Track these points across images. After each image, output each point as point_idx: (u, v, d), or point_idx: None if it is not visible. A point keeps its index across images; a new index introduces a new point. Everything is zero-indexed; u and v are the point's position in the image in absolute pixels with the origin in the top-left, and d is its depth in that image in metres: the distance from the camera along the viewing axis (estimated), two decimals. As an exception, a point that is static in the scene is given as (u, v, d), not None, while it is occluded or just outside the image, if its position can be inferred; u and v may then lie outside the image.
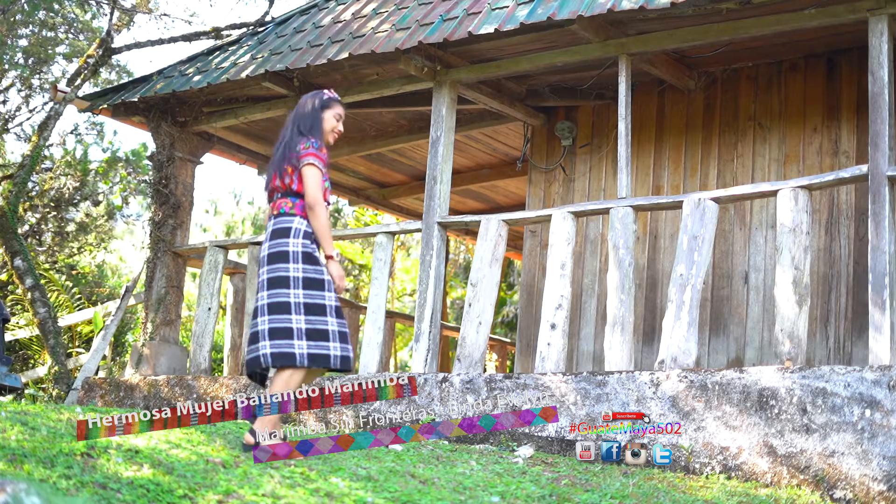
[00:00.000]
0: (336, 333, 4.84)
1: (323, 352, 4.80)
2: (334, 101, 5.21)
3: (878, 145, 5.87)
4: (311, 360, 4.76)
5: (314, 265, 4.86)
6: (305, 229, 4.91)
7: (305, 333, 4.78)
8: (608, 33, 6.91)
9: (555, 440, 6.09)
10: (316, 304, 4.82)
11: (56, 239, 12.37)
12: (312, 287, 4.83)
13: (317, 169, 4.92)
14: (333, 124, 5.16)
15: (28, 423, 4.59)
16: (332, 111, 5.17)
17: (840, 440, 5.22)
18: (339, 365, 4.84)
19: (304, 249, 4.86)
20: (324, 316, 4.83)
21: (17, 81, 11.02)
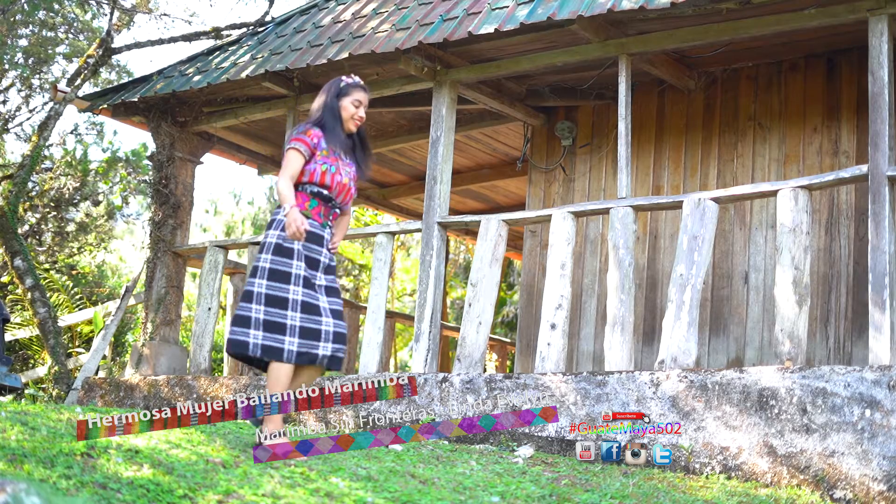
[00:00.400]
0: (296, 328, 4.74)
1: (277, 345, 4.73)
2: (352, 86, 5.07)
3: (878, 145, 5.87)
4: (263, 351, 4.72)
5: (283, 257, 4.79)
6: None
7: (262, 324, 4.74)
8: (608, 33, 6.91)
9: (555, 440, 6.09)
10: (277, 297, 4.75)
11: (56, 239, 12.38)
12: (276, 279, 4.77)
13: (292, 150, 4.88)
14: (352, 111, 5.03)
15: (28, 423, 4.59)
16: (350, 98, 5.04)
17: (840, 440, 5.22)
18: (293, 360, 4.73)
19: (277, 241, 4.81)
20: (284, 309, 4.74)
21: (17, 81, 11.03)
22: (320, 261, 4.93)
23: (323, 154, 4.94)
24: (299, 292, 4.77)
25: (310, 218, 4.90)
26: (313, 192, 4.93)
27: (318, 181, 4.91)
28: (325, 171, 4.91)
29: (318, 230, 4.94)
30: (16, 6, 9.10)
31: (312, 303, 4.80)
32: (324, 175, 4.91)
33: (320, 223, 4.95)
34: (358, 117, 5.05)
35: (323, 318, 4.81)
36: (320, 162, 4.92)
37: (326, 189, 4.93)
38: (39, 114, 11.78)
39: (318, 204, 4.95)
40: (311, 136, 4.93)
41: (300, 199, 4.90)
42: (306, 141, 4.91)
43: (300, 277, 4.79)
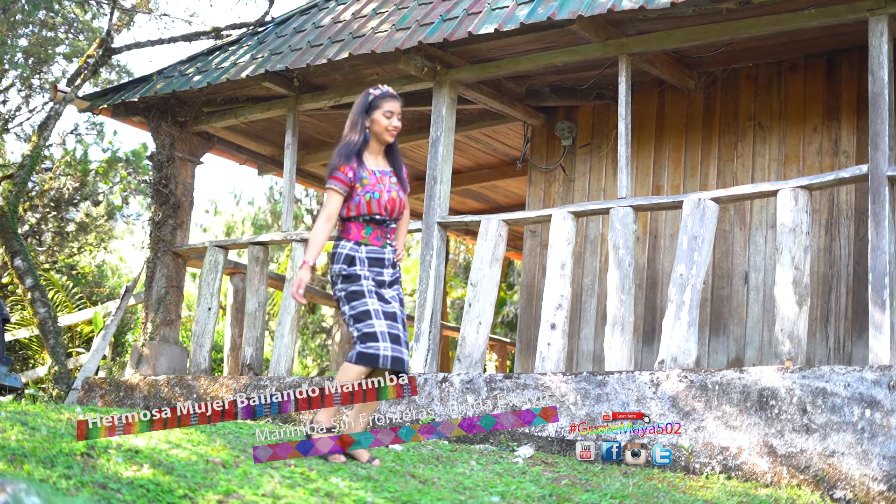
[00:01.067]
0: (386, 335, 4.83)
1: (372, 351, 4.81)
2: (382, 97, 5.00)
3: (878, 145, 5.87)
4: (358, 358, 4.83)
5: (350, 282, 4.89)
6: (347, 252, 4.91)
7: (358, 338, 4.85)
8: (608, 33, 6.91)
9: (555, 440, 6.09)
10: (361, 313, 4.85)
11: (56, 239, 12.37)
12: (354, 300, 4.88)
13: (330, 191, 4.92)
14: (386, 123, 4.98)
15: (28, 423, 4.59)
16: (381, 110, 4.97)
17: (840, 440, 5.22)
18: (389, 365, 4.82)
19: (341, 272, 4.90)
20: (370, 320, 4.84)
21: (17, 81, 11.02)
22: (385, 280, 4.99)
23: (363, 183, 4.92)
24: (376, 303, 4.87)
25: (368, 245, 4.94)
26: (366, 219, 4.94)
27: (366, 211, 4.93)
28: (370, 200, 4.91)
29: (379, 254, 4.97)
30: (16, 6, 9.10)
31: (389, 310, 4.91)
32: (370, 204, 4.92)
33: (379, 246, 4.98)
34: (392, 128, 4.99)
35: (399, 325, 4.90)
36: (362, 193, 4.91)
37: (377, 214, 4.95)
38: (39, 114, 11.79)
39: (373, 229, 4.96)
40: (344, 171, 4.92)
41: (354, 229, 4.93)
42: (342, 179, 4.91)
43: (372, 291, 4.89)
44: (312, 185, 11.32)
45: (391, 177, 5.03)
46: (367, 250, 4.92)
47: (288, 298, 8.06)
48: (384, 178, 4.99)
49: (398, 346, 4.84)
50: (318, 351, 16.21)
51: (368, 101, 4.99)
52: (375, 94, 5.00)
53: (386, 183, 4.98)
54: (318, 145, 10.11)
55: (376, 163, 5.03)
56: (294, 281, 4.86)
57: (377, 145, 5.04)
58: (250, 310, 8.34)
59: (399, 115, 5.00)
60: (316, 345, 16.36)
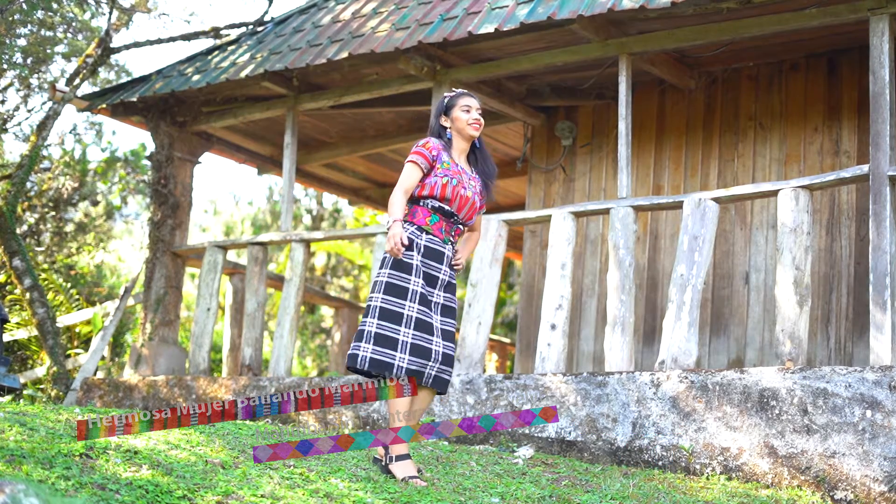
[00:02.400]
0: (407, 344, 4.58)
1: (387, 359, 4.56)
2: (455, 97, 4.89)
3: (879, 145, 5.86)
4: (371, 364, 4.56)
5: (401, 272, 4.63)
6: (408, 235, 4.66)
7: (373, 337, 4.59)
8: (608, 33, 6.90)
9: (555, 441, 6.08)
10: (391, 311, 4.60)
11: (55, 239, 12.35)
12: (392, 293, 4.60)
13: (410, 163, 4.71)
14: (466, 117, 4.83)
15: (27, 424, 4.57)
16: (458, 106, 4.85)
17: (841, 441, 5.21)
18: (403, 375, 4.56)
19: None
20: (397, 325, 4.59)
21: (15, 81, 11.00)
22: (439, 278, 4.73)
23: (444, 166, 4.75)
24: (414, 308, 4.60)
25: (430, 234, 4.72)
26: (434, 206, 4.73)
27: (439, 195, 4.71)
28: (447, 184, 4.72)
29: (439, 246, 4.74)
30: (14, 5, 9.08)
31: (426, 320, 4.63)
32: (444, 188, 4.71)
33: (441, 239, 4.75)
34: (474, 119, 4.83)
35: (434, 338, 4.62)
36: (440, 174, 4.73)
37: (447, 203, 4.74)
38: (38, 113, 11.76)
39: (439, 219, 4.74)
40: (429, 148, 4.75)
41: (420, 213, 4.73)
42: (424, 154, 4.73)
43: (416, 294, 4.62)
44: (312, 185, 11.31)
45: (472, 181, 4.84)
46: (428, 239, 4.70)
47: (287, 298, 8.05)
48: (464, 175, 4.81)
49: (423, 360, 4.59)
50: (317, 351, 16.20)
51: (444, 103, 4.89)
52: (449, 94, 4.92)
53: (465, 180, 4.80)
54: (317, 145, 10.10)
55: (459, 160, 4.87)
56: (389, 237, 4.54)
57: (462, 143, 4.88)
58: (249, 310, 8.33)
59: (479, 109, 4.86)
60: (315, 345, 16.34)
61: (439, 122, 4.89)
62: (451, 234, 4.79)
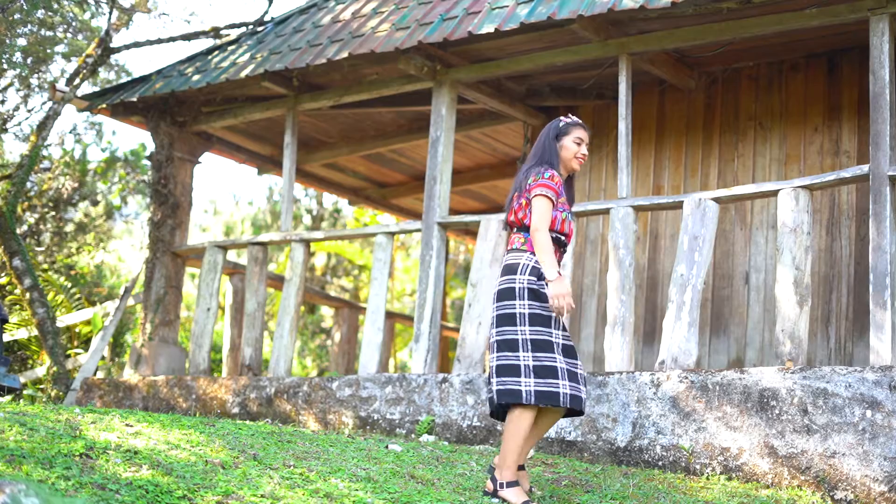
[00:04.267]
0: (565, 371, 4.53)
1: (552, 389, 4.48)
2: (571, 125, 4.84)
3: (879, 145, 5.86)
4: (538, 398, 4.48)
5: (541, 301, 4.55)
6: (534, 265, 4.59)
7: (533, 370, 4.50)
8: (608, 33, 6.90)
9: (555, 441, 6.08)
10: (543, 341, 4.54)
11: (55, 239, 12.35)
12: (538, 323, 4.54)
13: (544, 198, 4.62)
14: (575, 150, 4.81)
15: (27, 424, 4.57)
16: (571, 137, 4.82)
17: (841, 441, 5.21)
18: (568, 403, 4.49)
19: (529, 286, 4.56)
20: (551, 353, 4.51)
21: (15, 81, 11.00)
22: None
23: (561, 201, 4.73)
24: (559, 335, 4.60)
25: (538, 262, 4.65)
26: (553, 238, 4.69)
27: (559, 229, 4.70)
28: (565, 219, 4.72)
29: None
30: (14, 5, 9.08)
31: (569, 345, 4.63)
32: (564, 223, 4.71)
33: None
34: (581, 155, 4.82)
35: (577, 361, 4.63)
36: (560, 209, 4.70)
37: (564, 236, 4.74)
38: (38, 113, 11.76)
39: (555, 249, 4.71)
40: (557, 182, 4.69)
41: (529, 244, 4.66)
42: (555, 189, 4.67)
43: (558, 321, 4.61)
44: (312, 185, 11.31)
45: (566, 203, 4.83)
46: None
47: (287, 298, 8.05)
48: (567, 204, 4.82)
49: (576, 384, 4.55)
50: (317, 351, 16.20)
51: (559, 127, 4.84)
52: (566, 121, 4.87)
53: (565, 204, 4.80)
54: (317, 145, 10.10)
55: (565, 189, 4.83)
56: (554, 295, 4.49)
57: (563, 172, 4.84)
58: (249, 310, 8.32)
59: (587, 144, 4.85)
60: (315, 345, 16.34)
61: (555, 146, 4.81)
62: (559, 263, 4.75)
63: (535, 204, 4.64)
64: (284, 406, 7.31)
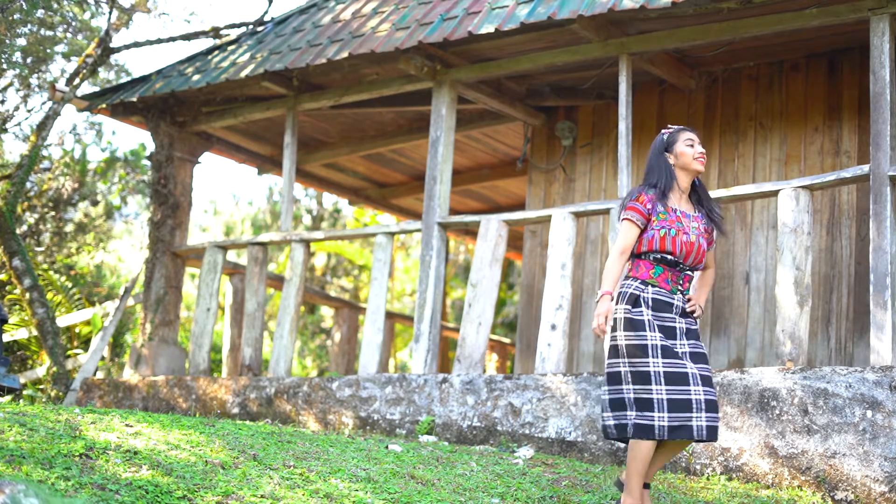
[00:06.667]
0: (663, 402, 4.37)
1: (647, 422, 4.37)
2: (676, 132, 4.74)
3: (879, 145, 5.85)
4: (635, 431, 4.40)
5: (636, 331, 4.47)
6: (632, 292, 4.52)
7: (634, 403, 4.42)
8: (609, 33, 6.90)
9: (555, 441, 6.07)
10: (639, 373, 4.42)
11: (54, 239, 12.35)
12: (633, 355, 4.46)
13: (626, 221, 4.58)
14: (691, 152, 4.67)
15: (27, 424, 4.57)
16: (681, 142, 4.69)
17: (841, 441, 5.20)
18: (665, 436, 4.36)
19: (624, 315, 4.50)
20: (648, 384, 4.40)
21: (15, 81, 10.99)
22: (676, 328, 4.54)
23: (660, 218, 4.57)
24: (659, 363, 4.42)
25: (656, 286, 4.55)
26: (656, 258, 4.57)
27: (658, 248, 4.55)
28: (664, 237, 4.55)
29: (666, 297, 4.55)
30: (14, 5, 9.08)
31: (676, 371, 4.42)
32: (663, 241, 4.54)
33: (668, 290, 4.56)
34: (699, 153, 4.68)
35: (692, 387, 4.40)
36: (657, 227, 4.56)
37: (670, 254, 4.57)
38: (38, 113, 11.77)
39: (663, 270, 4.57)
40: (642, 202, 4.59)
41: (643, 267, 4.58)
42: (638, 209, 4.58)
43: (657, 348, 4.44)
44: (312, 185, 11.30)
45: (694, 222, 4.66)
46: (654, 291, 4.53)
47: (287, 298, 8.04)
48: (685, 219, 4.64)
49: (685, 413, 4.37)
50: (317, 351, 16.19)
51: (664, 140, 4.74)
52: (669, 131, 4.78)
53: (686, 225, 4.62)
54: (317, 145, 10.10)
55: (678, 202, 4.69)
56: (597, 314, 4.43)
57: (685, 181, 4.71)
58: (249, 310, 8.32)
59: (700, 143, 4.72)
60: (315, 345, 16.34)
61: (664, 160, 4.72)
62: (678, 284, 4.61)
63: (620, 227, 4.62)
64: (284, 406, 7.31)
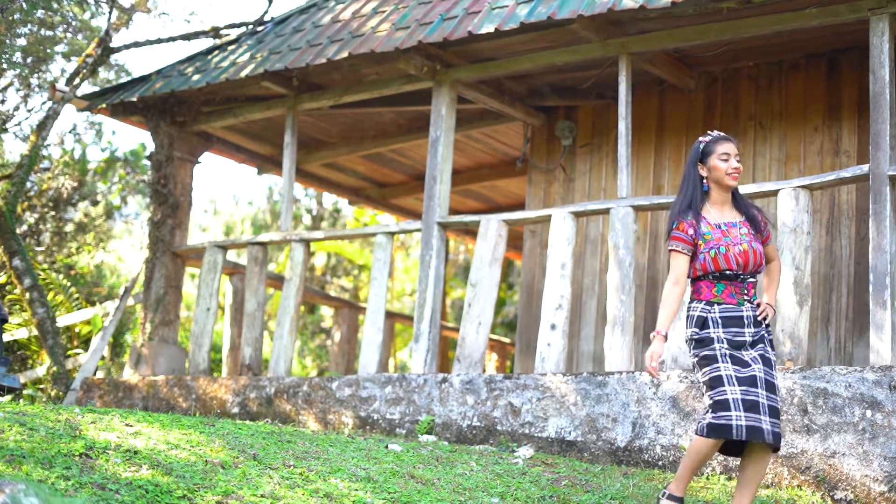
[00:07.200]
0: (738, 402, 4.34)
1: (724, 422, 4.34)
2: (712, 143, 4.64)
3: (879, 145, 5.86)
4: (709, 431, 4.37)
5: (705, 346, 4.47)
6: (699, 314, 4.50)
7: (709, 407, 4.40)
8: (608, 33, 6.90)
9: (555, 441, 6.08)
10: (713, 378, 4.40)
11: (54, 239, 12.35)
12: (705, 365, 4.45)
13: (673, 252, 4.56)
14: (724, 167, 4.59)
15: (27, 424, 4.57)
16: (716, 155, 4.60)
17: (841, 441, 5.21)
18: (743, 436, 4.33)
19: (692, 336, 4.52)
20: (722, 386, 4.37)
21: (15, 81, 10.99)
22: (745, 341, 4.50)
23: (705, 239, 4.53)
24: (730, 368, 4.41)
25: (722, 303, 4.51)
26: (715, 276, 4.53)
27: (713, 268, 4.51)
28: (716, 256, 4.51)
29: (734, 311, 4.51)
30: (14, 5, 9.08)
31: (745, 376, 4.41)
32: (715, 261, 4.51)
33: (735, 303, 4.52)
34: (733, 170, 4.60)
35: (759, 390, 4.39)
36: (706, 249, 4.51)
37: (729, 270, 4.52)
38: (38, 113, 11.75)
39: (725, 287, 4.53)
40: (684, 229, 4.55)
41: (705, 288, 4.54)
42: (682, 238, 4.54)
43: (726, 356, 4.44)
44: (312, 185, 11.31)
45: (741, 227, 4.59)
46: (721, 309, 4.50)
47: (287, 298, 8.05)
48: (731, 230, 4.57)
49: (756, 415, 4.34)
50: (317, 351, 16.20)
51: (700, 150, 4.64)
52: (706, 140, 4.68)
53: (734, 235, 4.55)
54: (317, 145, 10.10)
55: (721, 214, 4.63)
56: (647, 354, 4.46)
57: (720, 194, 4.64)
58: (249, 310, 8.32)
59: (737, 155, 4.63)
60: (315, 345, 16.35)
61: (695, 173, 4.64)
62: (743, 294, 4.56)
63: (670, 259, 4.60)
64: (284, 406, 7.31)
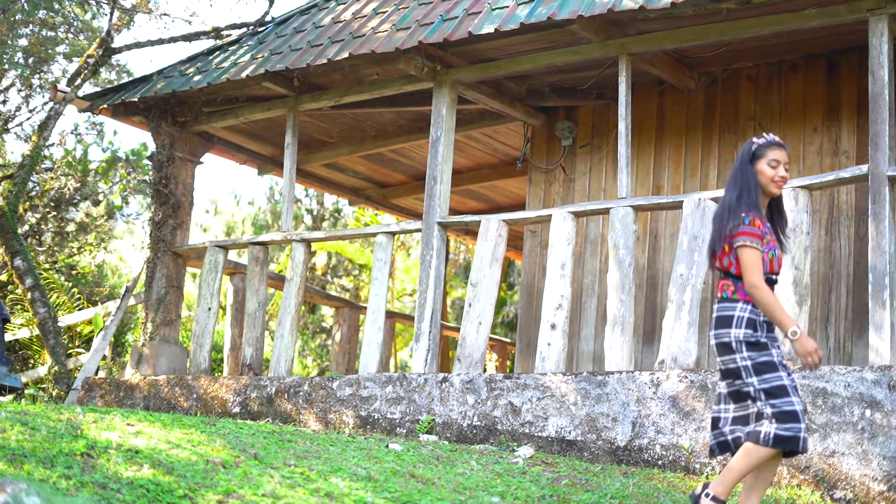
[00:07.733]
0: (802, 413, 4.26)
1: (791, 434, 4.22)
2: (765, 146, 4.52)
3: (878, 145, 5.87)
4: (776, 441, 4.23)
5: (759, 350, 4.33)
6: (749, 316, 4.34)
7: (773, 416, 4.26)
8: (608, 33, 6.91)
9: (555, 440, 6.09)
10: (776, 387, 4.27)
11: (56, 239, 12.37)
12: (765, 371, 4.31)
13: (750, 249, 4.33)
14: (771, 173, 4.48)
15: (28, 424, 4.58)
16: (766, 159, 4.48)
17: (840, 440, 5.22)
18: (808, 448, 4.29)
19: (745, 339, 4.34)
20: (788, 397, 4.26)
21: (17, 81, 11.02)
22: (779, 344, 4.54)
23: (767, 240, 4.42)
24: (785, 377, 4.32)
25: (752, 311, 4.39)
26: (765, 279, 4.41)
27: (768, 270, 4.40)
28: (773, 259, 4.42)
29: None
30: (16, 5, 9.09)
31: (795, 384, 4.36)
32: (772, 263, 4.41)
33: None
34: (779, 178, 4.49)
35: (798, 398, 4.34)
36: (766, 250, 4.40)
37: (775, 274, 4.46)
38: (39, 114, 11.79)
39: None
40: (759, 225, 4.39)
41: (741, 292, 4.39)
42: (757, 234, 4.37)
43: (783, 363, 4.36)
44: (312, 185, 11.32)
45: (771, 233, 4.52)
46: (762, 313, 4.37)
47: (288, 298, 8.06)
48: (771, 235, 4.50)
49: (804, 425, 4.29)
50: (318, 351, 16.21)
51: (752, 150, 4.52)
52: (759, 142, 4.54)
53: (774, 241, 4.50)
54: (318, 145, 10.11)
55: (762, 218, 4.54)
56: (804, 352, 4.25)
57: (761, 198, 4.53)
58: (250, 310, 8.34)
59: (786, 164, 4.53)
60: (316, 345, 16.36)
61: (751, 171, 4.51)
62: None
63: (742, 256, 4.38)
64: (285, 405, 7.32)
